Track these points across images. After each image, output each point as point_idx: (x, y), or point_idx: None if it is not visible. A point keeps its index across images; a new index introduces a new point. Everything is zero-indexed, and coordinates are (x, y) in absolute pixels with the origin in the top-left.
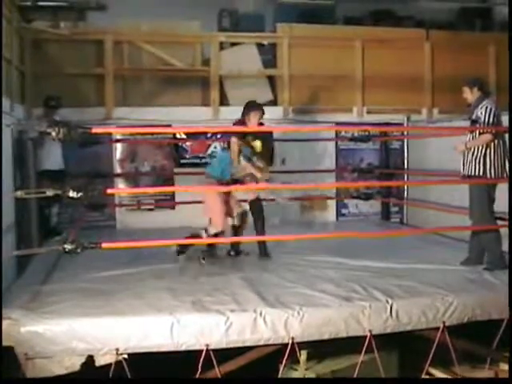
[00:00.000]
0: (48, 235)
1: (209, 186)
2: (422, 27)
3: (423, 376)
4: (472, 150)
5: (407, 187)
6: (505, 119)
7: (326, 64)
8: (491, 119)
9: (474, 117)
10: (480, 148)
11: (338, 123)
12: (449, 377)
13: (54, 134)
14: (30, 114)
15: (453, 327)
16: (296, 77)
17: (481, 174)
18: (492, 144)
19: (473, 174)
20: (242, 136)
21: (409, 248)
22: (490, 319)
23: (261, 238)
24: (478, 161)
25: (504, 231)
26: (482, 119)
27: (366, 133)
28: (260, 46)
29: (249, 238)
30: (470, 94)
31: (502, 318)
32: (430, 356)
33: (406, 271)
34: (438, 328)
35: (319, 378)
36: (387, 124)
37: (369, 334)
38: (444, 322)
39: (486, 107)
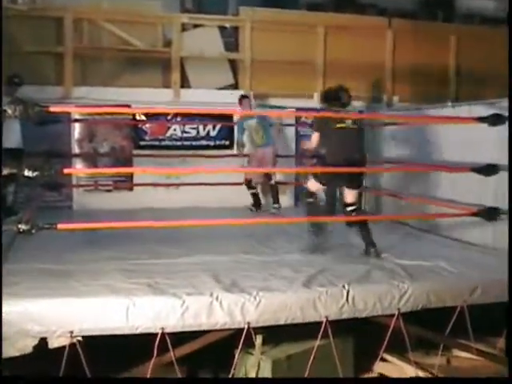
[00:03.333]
0: (3, 215)
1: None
2: (385, 15)
3: (377, 362)
4: None
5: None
6: None
7: (288, 49)
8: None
9: None
10: None
11: (298, 109)
12: (403, 362)
13: (10, 111)
14: None
15: (407, 314)
16: (258, 61)
17: None
18: None
19: None
20: None
21: None
22: (445, 306)
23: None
24: None
25: None
26: None
27: None
28: (222, 28)
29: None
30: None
31: (456, 305)
32: (385, 342)
33: (361, 257)
34: (393, 315)
35: (318, 378)
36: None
37: (325, 320)
38: (399, 309)
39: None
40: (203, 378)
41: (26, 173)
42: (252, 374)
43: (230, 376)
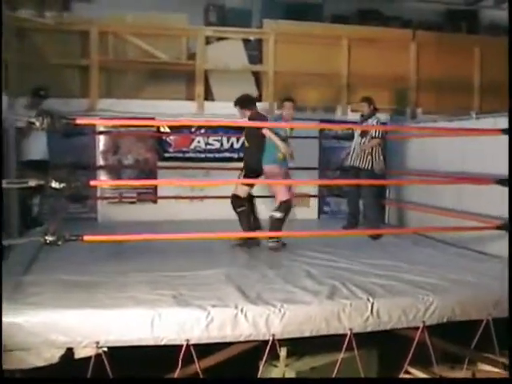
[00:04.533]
0: (29, 226)
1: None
2: (409, 28)
3: (402, 375)
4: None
5: (389, 187)
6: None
7: (312, 61)
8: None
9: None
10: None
11: (321, 121)
12: (427, 376)
13: (38, 123)
14: (13, 103)
15: (432, 327)
16: (281, 73)
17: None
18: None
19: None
20: None
21: (389, 247)
22: (470, 319)
23: (245, 234)
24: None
25: None
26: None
27: (350, 131)
28: (246, 41)
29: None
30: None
31: (481, 319)
32: (409, 355)
33: (387, 270)
34: (417, 327)
35: (320, 378)
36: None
37: (349, 333)
38: (424, 322)
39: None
40: (204, 378)
41: (53, 184)
42: None
43: None
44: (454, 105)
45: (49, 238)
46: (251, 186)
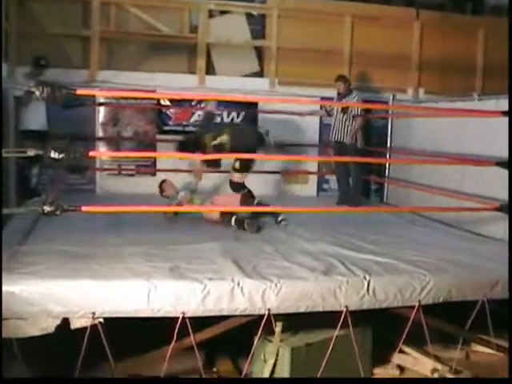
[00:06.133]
0: (27, 196)
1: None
2: (413, 6)
3: (396, 353)
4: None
5: (389, 166)
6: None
7: (315, 38)
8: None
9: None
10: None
11: (322, 98)
12: (421, 355)
13: (37, 93)
14: (13, 72)
15: (428, 306)
16: (284, 49)
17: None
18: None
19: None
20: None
21: (388, 226)
22: (465, 300)
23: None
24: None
25: None
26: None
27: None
28: (249, 16)
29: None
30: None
31: (477, 300)
32: (404, 334)
33: (384, 249)
34: (413, 306)
35: (320, 378)
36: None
37: (345, 310)
38: (420, 301)
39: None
40: (210, 379)
41: (52, 154)
42: (271, 361)
43: (248, 362)
44: (457, 86)
45: (47, 208)
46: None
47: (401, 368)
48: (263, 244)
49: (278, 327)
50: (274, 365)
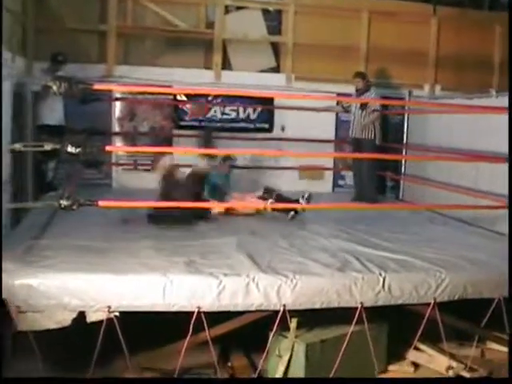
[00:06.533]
0: (43, 190)
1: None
2: (430, 2)
3: (411, 350)
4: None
5: (405, 163)
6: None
7: (331, 34)
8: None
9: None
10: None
11: (339, 94)
12: (436, 352)
13: (55, 87)
14: (31, 67)
15: (443, 304)
16: (300, 45)
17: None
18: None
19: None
20: None
21: (404, 223)
22: (481, 298)
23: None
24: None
25: None
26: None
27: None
28: (266, 11)
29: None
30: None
31: (493, 298)
32: (419, 331)
33: (400, 246)
34: (428, 304)
35: (320, 378)
36: (388, 98)
37: (360, 306)
38: (435, 298)
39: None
40: (210, 379)
41: (69, 149)
42: (285, 357)
43: (263, 358)
44: (474, 82)
45: (63, 203)
46: None
47: (415, 365)
48: (279, 239)
49: (293, 323)
50: (289, 361)
